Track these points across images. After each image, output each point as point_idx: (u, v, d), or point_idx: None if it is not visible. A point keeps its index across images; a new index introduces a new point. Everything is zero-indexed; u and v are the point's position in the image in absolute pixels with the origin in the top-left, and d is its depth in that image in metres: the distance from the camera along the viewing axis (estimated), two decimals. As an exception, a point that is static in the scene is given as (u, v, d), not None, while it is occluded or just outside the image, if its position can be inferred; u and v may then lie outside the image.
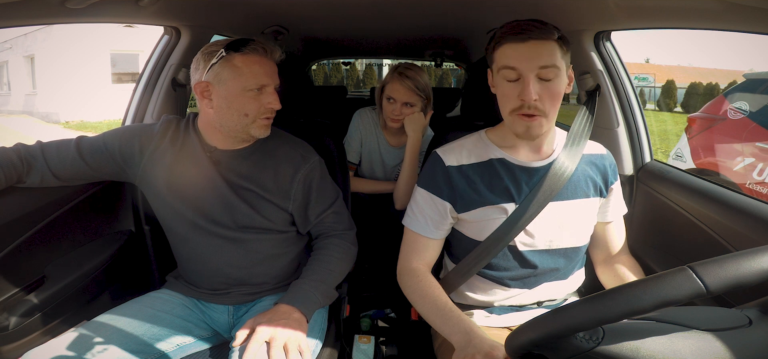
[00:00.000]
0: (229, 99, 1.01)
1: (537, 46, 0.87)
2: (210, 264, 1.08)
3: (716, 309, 0.61)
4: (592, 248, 1.09)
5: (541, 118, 0.90)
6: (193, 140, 1.08)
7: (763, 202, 0.99)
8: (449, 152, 1.01)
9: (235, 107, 1.02)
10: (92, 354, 0.88)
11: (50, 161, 1.04)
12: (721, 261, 0.51)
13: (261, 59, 1.03)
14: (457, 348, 0.82)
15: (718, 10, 0.88)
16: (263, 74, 1.02)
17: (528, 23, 0.88)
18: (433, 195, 0.99)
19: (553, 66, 0.87)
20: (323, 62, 7.32)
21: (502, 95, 0.93)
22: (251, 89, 1.01)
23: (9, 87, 14.86)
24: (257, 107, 1.03)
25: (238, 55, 1.00)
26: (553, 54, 0.88)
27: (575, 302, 0.56)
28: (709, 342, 0.53)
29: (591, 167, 1.02)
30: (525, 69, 0.87)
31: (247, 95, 1.01)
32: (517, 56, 0.88)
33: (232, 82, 1.00)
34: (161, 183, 1.07)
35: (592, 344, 0.55)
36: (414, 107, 1.66)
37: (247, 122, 1.03)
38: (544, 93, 0.88)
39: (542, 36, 0.87)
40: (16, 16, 0.93)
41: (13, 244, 1.01)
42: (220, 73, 1.00)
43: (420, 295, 0.96)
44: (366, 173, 1.88)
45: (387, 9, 1.61)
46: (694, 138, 3.84)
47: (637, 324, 0.57)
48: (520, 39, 0.88)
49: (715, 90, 10.66)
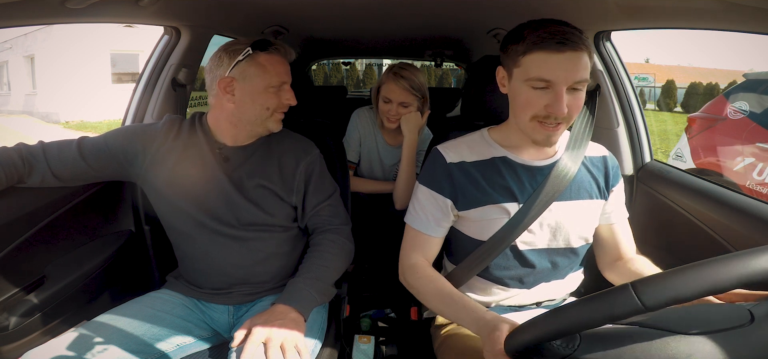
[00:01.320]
0: (253, 94, 1.07)
1: (574, 58, 0.82)
2: (212, 263, 1.08)
3: (717, 306, 0.61)
4: (598, 250, 1.07)
5: (562, 125, 0.88)
6: (200, 139, 1.10)
7: (763, 202, 0.99)
8: (450, 148, 1.01)
9: (258, 101, 1.07)
10: (92, 354, 0.88)
11: (52, 161, 1.04)
12: (661, 279, 0.51)
13: (282, 59, 1.11)
14: (479, 333, 0.79)
15: (718, 10, 0.88)
16: (285, 73, 1.11)
17: (563, 29, 0.82)
18: (435, 192, 0.99)
19: (585, 80, 0.84)
20: (323, 62, 7.32)
21: (524, 101, 0.87)
22: (274, 86, 1.08)
23: (9, 87, 14.86)
24: (277, 102, 1.10)
25: (264, 55, 1.07)
26: (587, 66, 0.84)
27: (538, 315, 0.58)
28: (695, 346, 0.53)
29: (593, 169, 1.02)
30: (560, 81, 0.82)
31: (269, 91, 1.08)
32: (552, 68, 0.82)
33: (257, 79, 1.06)
34: (164, 182, 1.07)
35: (569, 350, 0.56)
36: (410, 107, 1.67)
37: (267, 115, 1.10)
38: (572, 103, 0.85)
39: (578, 47, 0.82)
40: (16, 16, 0.93)
41: (13, 244, 1.01)
42: (246, 70, 1.06)
43: (424, 285, 0.95)
44: (365, 173, 1.89)
45: (387, 9, 1.61)
46: (694, 138, 3.84)
47: (618, 330, 0.57)
48: (558, 49, 0.81)
49: (715, 90, 10.66)
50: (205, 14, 1.40)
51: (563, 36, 0.81)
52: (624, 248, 1.04)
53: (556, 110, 0.83)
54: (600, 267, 1.08)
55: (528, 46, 0.84)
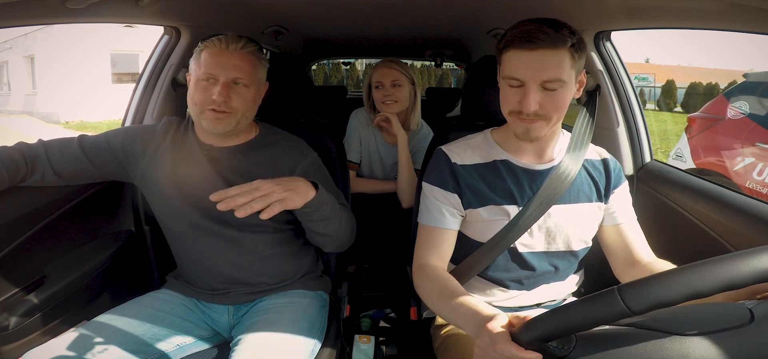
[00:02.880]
0: (191, 89, 1.06)
1: (545, 56, 0.82)
2: (209, 264, 1.08)
3: (717, 305, 0.60)
4: (610, 256, 1.03)
5: (541, 122, 0.88)
6: (192, 140, 1.10)
7: (763, 202, 0.99)
8: (455, 149, 1.01)
9: (192, 96, 1.05)
10: (92, 354, 0.88)
11: (53, 159, 1.04)
12: (647, 283, 0.51)
13: (215, 50, 1.03)
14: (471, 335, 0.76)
15: (718, 10, 0.88)
16: (213, 64, 1.02)
17: (540, 27, 0.82)
18: (441, 189, 0.99)
19: (558, 80, 0.83)
20: (323, 62, 7.32)
21: (503, 97, 0.91)
22: (202, 80, 1.03)
23: (9, 87, 14.86)
24: (204, 98, 1.03)
25: (202, 46, 1.05)
26: (559, 66, 0.83)
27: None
28: (694, 347, 0.53)
29: (593, 172, 1.01)
30: (528, 79, 0.84)
31: (198, 86, 1.04)
32: (521, 65, 0.84)
33: (194, 72, 1.05)
34: (161, 183, 1.07)
35: (565, 352, 0.56)
36: (402, 87, 1.73)
37: (197, 112, 1.05)
38: (547, 102, 0.85)
39: (553, 44, 0.82)
40: (16, 16, 0.93)
41: (13, 244, 1.01)
42: (192, 64, 1.06)
43: (430, 285, 0.91)
44: (365, 173, 1.89)
45: (387, 9, 1.61)
46: (694, 138, 3.84)
47: (615, 331, 0.57)
48: (528, 47, 0.82)
49: (715, 90, 10.66)
50: (205, 14, 1.40)
51: (533, 34, 0.82)
52: (638, 250, 0.98)
53: (523, 106, 0.85)
54: (617, 274, 1.02)
55: (504, 44, 0.87)
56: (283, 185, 0.92)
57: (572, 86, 0.88)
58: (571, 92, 0.88)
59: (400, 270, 1.83)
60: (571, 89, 0.88)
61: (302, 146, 1.17)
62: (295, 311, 1.05)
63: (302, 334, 1.01)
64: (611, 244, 1.02)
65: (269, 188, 0.89)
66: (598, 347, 0.55)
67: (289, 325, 1.01)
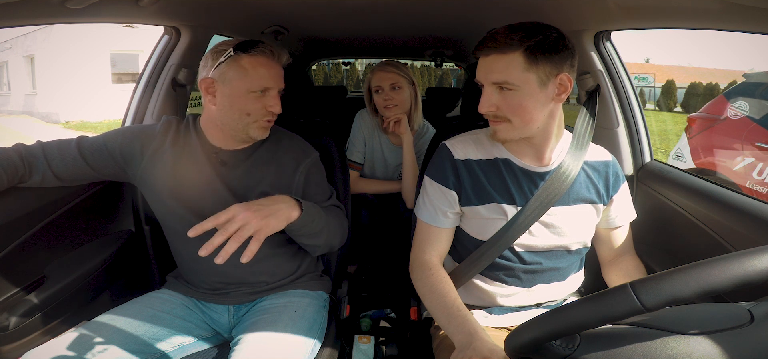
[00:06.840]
0: (232, 98, 1.02)
1: (492, 60, 0.88)
2: (209, 264, 1.07)
3: (717, 306, 0.60)
4: (598, 246, 1.09)
5: (504, 124, 0.91)
6: (194, 141, 1.09)
7: (763, 202, 0.99)
8: (458, 144, 1.02)
9: (237, 106, 1.03)
10: (92, 354, 0.88)
11: (51, 161, 1.04)
12: (660, 279, 0.51)
13: (268, 62, 1.04)
14: (457, 347, 0.82)
15: (718, 10, 0.88)
16: (268, 77, 1.04)
17: (496, 33, 0.87)
18: (441, 185, 1.00)
19: (506, 82, 0.86)
20: (323, 62, 7.32)
21: None
22: (255, 91, 1.02)
23: (9, 87, 14.86)
24: (259, 108, 1.04)
25: (246, 56, 1.02)
26: (508, 68, 0.85)
27: (534, 317, 0.58)
28: (695, 346, 0.53)
29: (593, 173, 1.01)
30: (481, 80, 0.91)
31: (250, 96, 1.03)
32: (479, 69, 0.91)
33: (237, 82, 1.02)
34: (160, 184, 1.07)
35: (569, 351, 0.56)
36: (401, 90, 1.72)
37: (248, 121, 1.04)
38: (501, 103, 0.89)
39: (504, 49, 0.85)
40: (16, 16, 0.93)
41: (13, 244, 1.01)
42: (226, 72, 1.02)
43: (429, 289, 0.96)
44: (367, 173, 1.89)
45: (387, 9, 1.61)
46: (694, 138, 3.84)
47: (618, 330, 0.57)
48: (482, 52, 0.89)
49: (715, 90, 10.65)
50: (205, 14, 1.40)
51: (485, 40, 0.88)
52: (621, 247, 1.07)
53: (479, 107, 0.92)
54: (600, 262, 1.11)
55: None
56: (261, 211, 0.90)
57: (532, 89, 0.87)
58: (533, 95, 0.87)
59: (401, 270, 1.82)
60: (532, 92, 0.87)
61: (304, 145, 1.18)
62: (295, 311, 1.05)
63: (302, 334, 1.01)
64: (601, 240, 1.08)
65: (244, 218, 0.87)
66: (602, 345, 0.55)
67: (289, 325, 1.01)
